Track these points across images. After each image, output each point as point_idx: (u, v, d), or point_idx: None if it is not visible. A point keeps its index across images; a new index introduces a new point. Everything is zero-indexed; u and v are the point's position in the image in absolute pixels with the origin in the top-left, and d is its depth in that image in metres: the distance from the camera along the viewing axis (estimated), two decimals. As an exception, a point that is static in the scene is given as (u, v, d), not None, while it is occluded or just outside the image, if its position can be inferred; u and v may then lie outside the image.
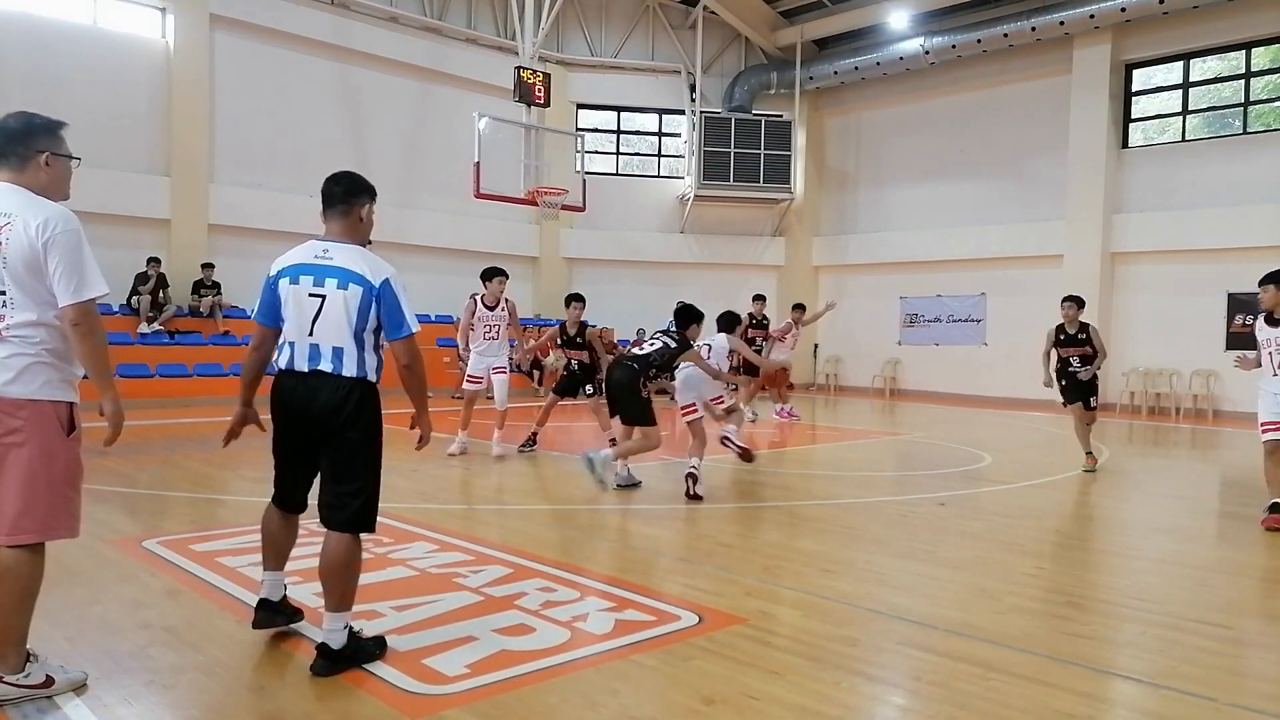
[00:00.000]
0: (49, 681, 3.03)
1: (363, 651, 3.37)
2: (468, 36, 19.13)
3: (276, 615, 3.59)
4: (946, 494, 7.43)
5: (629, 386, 6.97)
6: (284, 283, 3.51)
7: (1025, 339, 18.01)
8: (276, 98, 16.59)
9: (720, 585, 4.56)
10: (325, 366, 3.43)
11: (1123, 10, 15.97)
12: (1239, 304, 15.77)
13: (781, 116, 20.58)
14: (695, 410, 7.47)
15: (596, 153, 21.15)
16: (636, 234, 21.01)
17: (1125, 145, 17.32)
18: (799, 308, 14.51)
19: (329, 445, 3.46)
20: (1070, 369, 9.00)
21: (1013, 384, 18.11)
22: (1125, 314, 17.11)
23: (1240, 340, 15.78)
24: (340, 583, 3.36)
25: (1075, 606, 4.32)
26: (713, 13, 20.34)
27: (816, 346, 21.78)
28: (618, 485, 7.35)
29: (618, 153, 21.70)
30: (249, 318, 15.71)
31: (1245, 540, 6.13)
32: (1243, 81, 16.16)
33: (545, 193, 16.26)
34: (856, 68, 19.76)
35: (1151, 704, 3.20)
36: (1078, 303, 9.00)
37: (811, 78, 20.55)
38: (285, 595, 3.67)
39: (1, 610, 2.94)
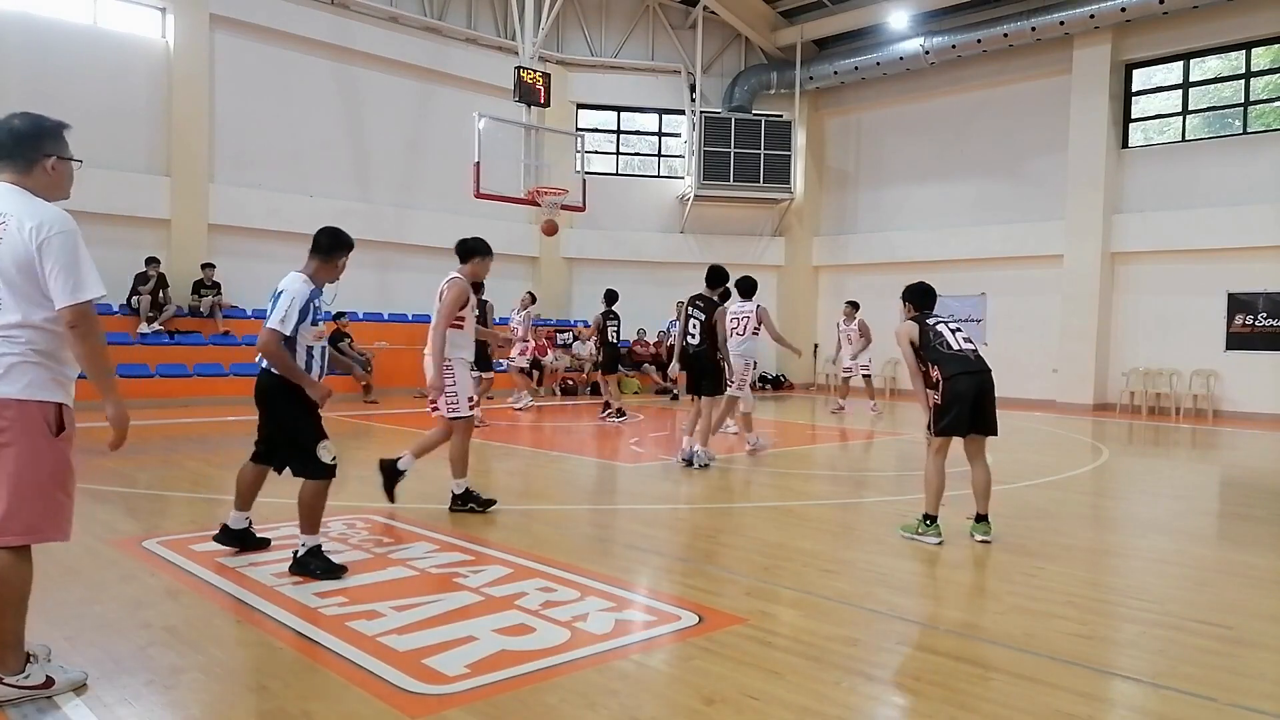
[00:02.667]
0: (49, 682, 3.02)
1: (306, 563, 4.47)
2: (468, 36, 19.13)
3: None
4: (946, 494, 7.42)
5: (703, 361, 8.50)
6: None
7: (1025, 339, 18.09)
8: (276, 98, 16.59)
9: (720, 585, 4.56)
10: None
11: (1123, 10, 15.97)
12: (1239, 304, 15.77)
13: (781, 116, 20.58)
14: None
15: (596, 153, 21.16)
16: (637, 234, 21.02)
17: (1125, 145, 17.32)
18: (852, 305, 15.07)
19: None
20: None
21: (1013, 384, 18.09)
22: (1125, 314, 17.11)
23: (1240, 340, 15.80)
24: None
25: (1075, 606, 4.31)
26: (713, 13, 20.35)
27: (816, 346, 21.76)
28: (700, 466, 8.35)
29: (618, 153, 21.70)
30: (250, 317, 15.76)
31: (1246, 540, 6.13)
32: (1243, 81, 16.16)
33: (545, 193, 16.27)
34: (856, 68, 19.76)
35: (1152, 704, 3.20)
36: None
37: (811, 78, 20.55)
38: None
39: None
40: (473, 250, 6.67)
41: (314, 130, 17.08)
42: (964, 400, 5.56)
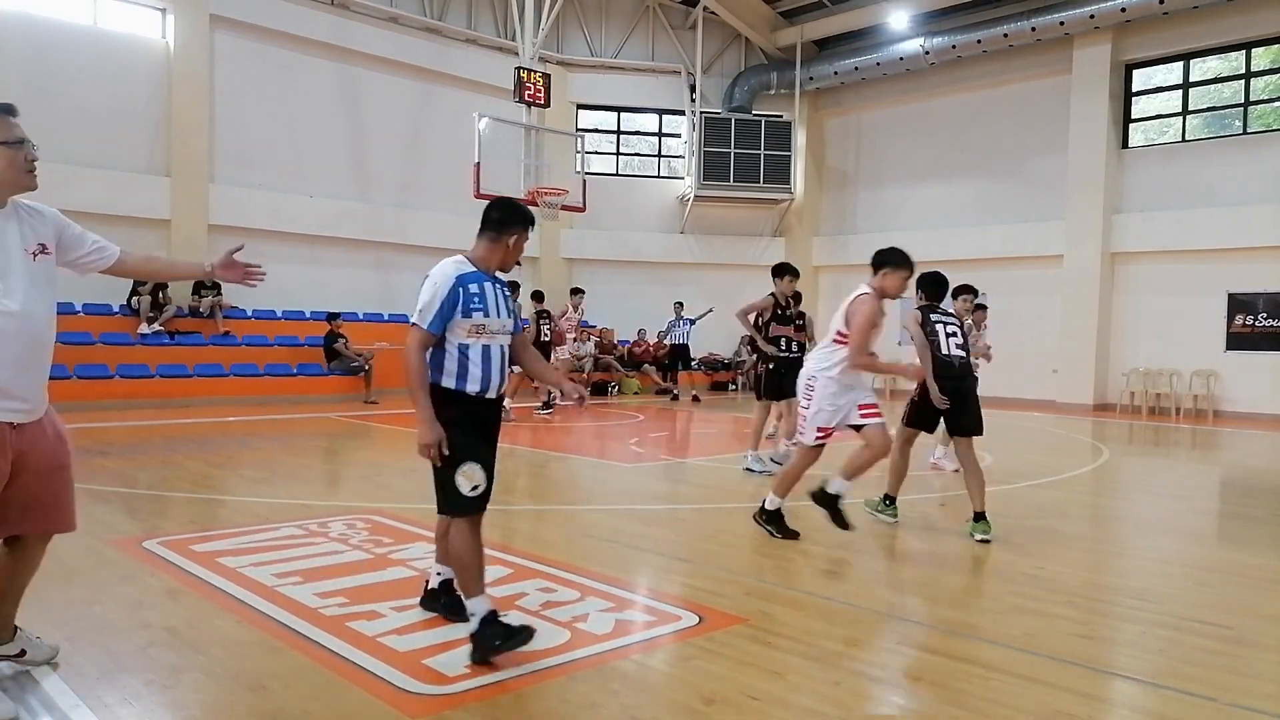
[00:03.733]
0: (22, 653, 3.18)
1: (484, 637, 3.36)
2: (468, 37, 19.13)
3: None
4: (947, 494, 7.43)
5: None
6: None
7: (1026, 339, 18.06)
8: (277, 98, 16.60)
9: (720, 585, 4.56)
10: None
11: (1123, 10, 15.99)
12: (1239, 304, 15.77)
13: (781, 117, 20.59)
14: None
15: (596, 153, 21.16)
16: (637, 234, 21.02)
17: (1125, 145, 17.32)
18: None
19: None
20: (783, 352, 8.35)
21: (1012, 384, 18.11)
22: (1126, 314, 17.12)
23: (1240, 340, 15.80)
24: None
25: (1075, 606, 4.31)
26: (713, 13, 20.35)
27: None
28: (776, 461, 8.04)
29: (618, 153, 21.70)
30: (249, 318, 15.77)
31: (1246, 540, 6.13)
32: (1243, 81, 16.16)
33: (545, 193, 16.28)
34: (856, 68, 19.77)
35: (1152, 704, 3.20)
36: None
37: (811, 78, 20.56)
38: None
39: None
40: (888, 261, 5.41)
41: (314, 130, 17.09)
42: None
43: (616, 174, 21.47)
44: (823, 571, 4.91)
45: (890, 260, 5.37)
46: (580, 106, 20.98)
